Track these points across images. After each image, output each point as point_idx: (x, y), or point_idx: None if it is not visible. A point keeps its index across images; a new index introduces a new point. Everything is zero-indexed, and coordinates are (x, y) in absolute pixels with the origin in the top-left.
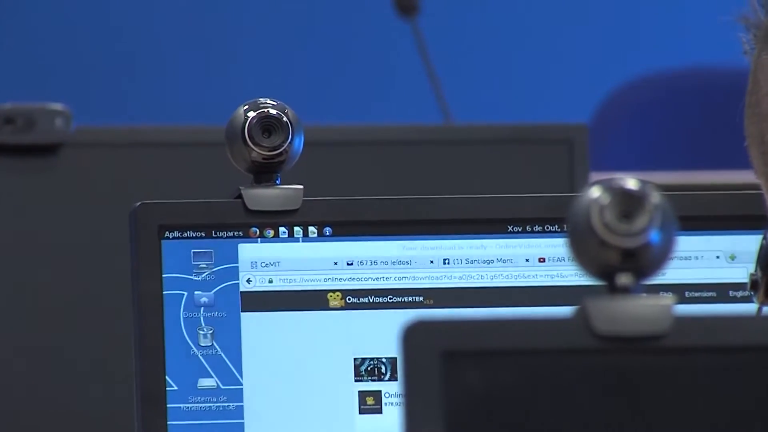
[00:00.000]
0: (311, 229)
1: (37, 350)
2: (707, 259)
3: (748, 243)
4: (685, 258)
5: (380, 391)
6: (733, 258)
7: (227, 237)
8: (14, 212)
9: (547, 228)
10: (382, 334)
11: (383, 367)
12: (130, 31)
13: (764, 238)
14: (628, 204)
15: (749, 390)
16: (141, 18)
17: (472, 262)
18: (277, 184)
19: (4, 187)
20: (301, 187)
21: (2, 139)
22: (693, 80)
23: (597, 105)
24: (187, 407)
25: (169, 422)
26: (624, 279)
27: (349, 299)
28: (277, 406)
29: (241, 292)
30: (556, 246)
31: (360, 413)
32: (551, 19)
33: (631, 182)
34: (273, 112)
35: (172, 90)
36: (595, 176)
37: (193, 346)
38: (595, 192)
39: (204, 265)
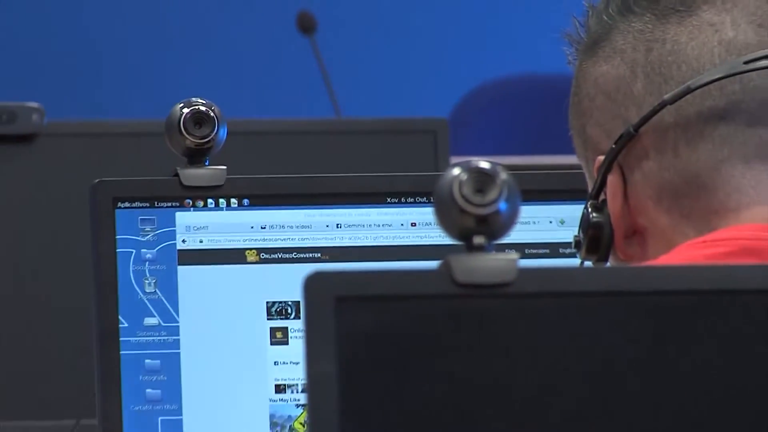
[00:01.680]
0: (233, 200)
1: (19, 300)
2: (543, 223)
3: (574, 211)
4: (526, 223)
5: (287, 327)
6: (562, 222)
7: (167, 207)
8: None
9: (417, 200)
10: (288, 282)
11: (289, 309)
12: (93, 40)
13: (585, 208)
14: (482, 181)
15: (580, 328)
16: (102, 29)
17: (358, 226)
18: (206, 165)
19: None
20: (225, 167)
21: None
22: (532, 83)
23: (456, 103)
24: (136, 340)
25: (121, 352)
26: (478, 240)
27: (263, 255)
28: (206, 339)
29: (178, 249)
30: (425, 214)
31: (271, 344)
32: (420, 38)
33: (483, 163)
34: (202, 108)
35: (124, 90)
36: (454, 160)
37: (140, 292)
38: (456, 171)
39: (148, 229)
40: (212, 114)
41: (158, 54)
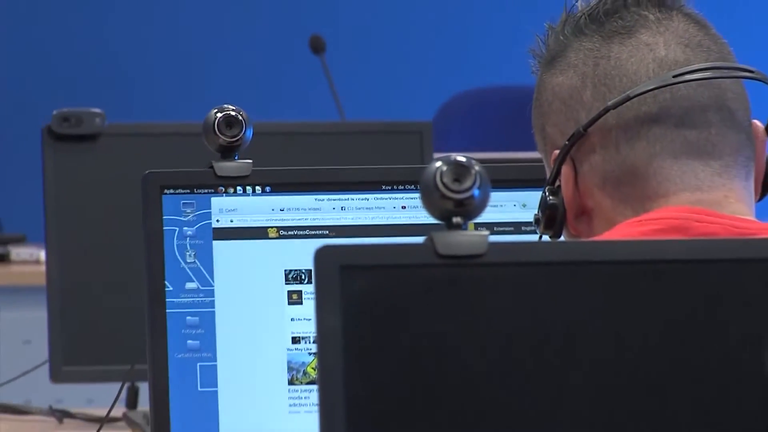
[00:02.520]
0: (257, 188)
1: (87, 269)
2: (508, 206)
3: (534, 196)
4: (494, 206)
5: (301, 290)
6: (524, 206)
7: (204, 193)
8: (68, 178)
9: (407, 187)
10: (302, 254)
11: (303, 275)
12: (145, 60)
13: (543, 192)
14: (459, 171)
15: (540, 291)
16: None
17: (359, 209)
18: (235, 159)
19: (63, 161)
20: (251, 161)
21: (62, 131)
22: (500, 93)
23: (438, 109)
24: (179, 301)
25: (167, 310)
26: (456, 219)
27: (281, 232)
28: (235, 300)
29: (213, 228)
30: (413, 199)
31: (288, 304)
32: (410, 57)
33: (460, 158)
34: (233, 113)
35: (168, 99)
36: (436, 155)
37: (182, 262)
38: (438, 163)
39: (189, 211)
40: (240, 118)
41: (196, 69)
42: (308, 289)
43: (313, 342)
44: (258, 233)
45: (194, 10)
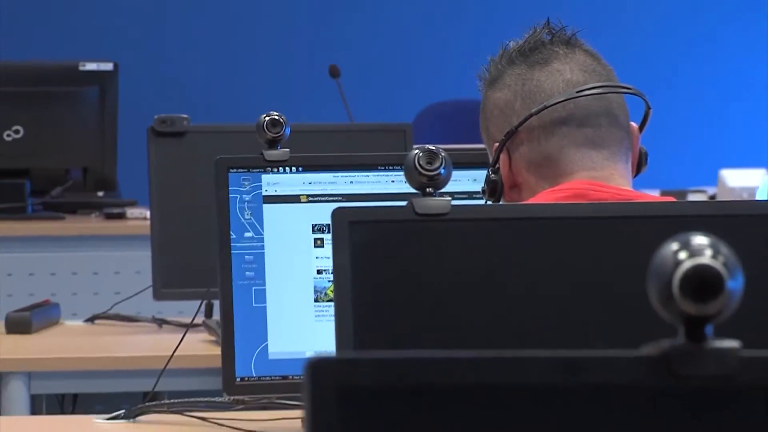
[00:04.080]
0: (293, 168)
1: (178, 234)
2: (464, 181)
3: (482, 174)
4: (454, 180)
5: (323, 238)
6: (475, 180)
7: (257, 171)
8: (164, 161)
9: (395, 168)
10: (324, 214)
11: (324, 228)
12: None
13: (487, 172)
14: (431, 157)
15: (490, 240)
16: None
17: (362, 182)
18: (278, 149)
19: (161, 150)
20: (288, 150)
21: (161, 129)
22: (461, 104)
23: (416, 114)
24: (240, 245)
25: (232, 252)
26: (429, 189)
27: (310, 198)
28: (278, 244)
29: (263, 195)
30: (399, 175)
31: (314, 247)
32: (398, 82)
33: (431, 147)
34: (276, 116)
35: (229, 109)
36: (415, 146)
37: (242, 219)
38: (416, 151)
39: (246, 184)
40: (281, 120)
41: (249, 88)
42: (327, 237)
43: (331, 273)
44: (293, 199)
45: (248, 50)
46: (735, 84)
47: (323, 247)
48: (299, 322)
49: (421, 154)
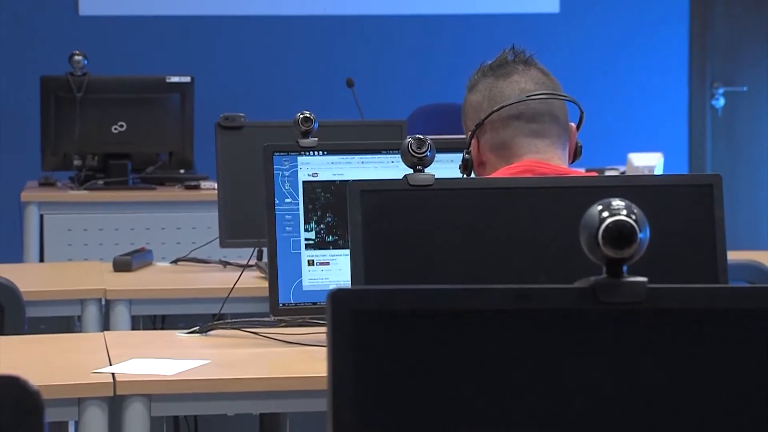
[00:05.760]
0: (320, 152)
1: (239, 194)
2: (444, 161)
3: (459, 156)
4: (438, 161)
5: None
6: (452, 161)
7: (294, 154)
8: (228, 148)
9: (395, 152)
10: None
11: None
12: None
13: (463, 154)
14: (420, 143)
15: (466, 204)
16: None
17: (371, 163)
18: (309, 138)
19: (225, 140)
20: (317, 139)
21: (225, 124)
22: (445, 106)
23: (410, 113)
24: (281, 207)
25: (276, 213)
26: (419, 167)
27: (333, 174)
28: (312, 207)
29: (298, 171)
30: (397, 157)
31: None
32: (397, 91)
33: (421, 137)
34: (308, 114)
35: (270, 108)
36: (409, 136)
37: (282, 188)
38: (409, 139)
39: (287, 164)
40: (311, 117)
41: (286, 94)
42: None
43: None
44: (322, 175)
45: (288, 67)
46: (640, 87)
47: None
48: (324, 263)
49: (412, 141)
